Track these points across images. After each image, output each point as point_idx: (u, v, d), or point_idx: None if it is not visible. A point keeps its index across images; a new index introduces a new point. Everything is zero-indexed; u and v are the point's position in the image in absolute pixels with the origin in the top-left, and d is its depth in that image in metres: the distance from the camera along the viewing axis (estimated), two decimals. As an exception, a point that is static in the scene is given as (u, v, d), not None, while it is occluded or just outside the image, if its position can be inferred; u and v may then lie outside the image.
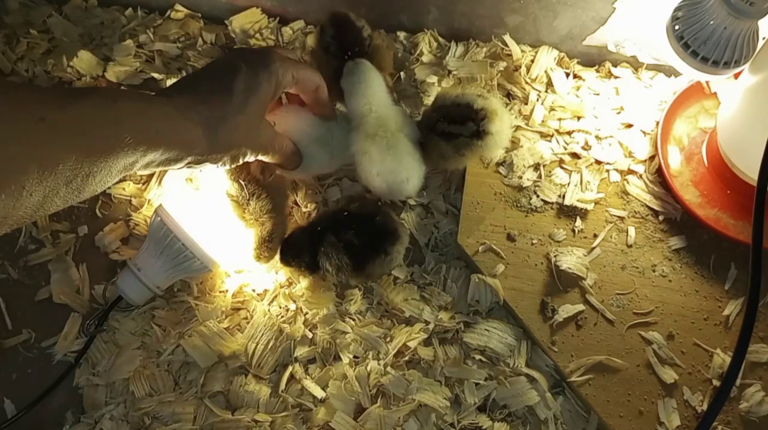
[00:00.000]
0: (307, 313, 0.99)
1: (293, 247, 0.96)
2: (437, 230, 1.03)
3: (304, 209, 1.05)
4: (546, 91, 1.13)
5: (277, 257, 0.98)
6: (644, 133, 1.09)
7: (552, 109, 1.11)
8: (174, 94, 0.75)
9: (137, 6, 1.24)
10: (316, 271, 0.95)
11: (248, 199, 0.93)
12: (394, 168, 0.91)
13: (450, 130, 0.89)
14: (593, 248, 1.01)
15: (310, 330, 0.98)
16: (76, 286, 1.02)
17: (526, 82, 1.13)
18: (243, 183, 0.93)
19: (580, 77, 1.15)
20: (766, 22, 0.89)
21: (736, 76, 0.99)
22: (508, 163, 1.06)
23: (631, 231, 1.02)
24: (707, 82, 1.09)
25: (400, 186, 0.93)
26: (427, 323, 0.97)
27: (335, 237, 0.91)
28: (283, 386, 0.94)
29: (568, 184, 1.05)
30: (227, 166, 0.81)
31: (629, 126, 1.10)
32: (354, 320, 0.98)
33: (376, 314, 0.99)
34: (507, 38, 1.15)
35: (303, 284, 1.00)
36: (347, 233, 0.91)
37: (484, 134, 0.89)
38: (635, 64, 1.15)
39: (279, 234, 0.97)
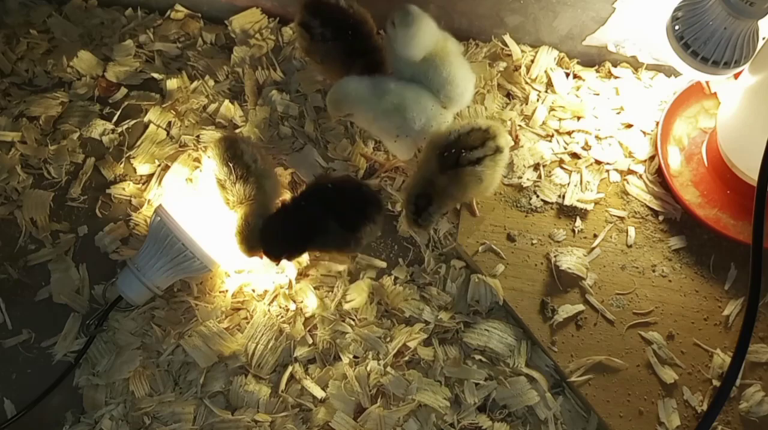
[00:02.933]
0: (307, 313, 0.99)
1: (270, 238, 0.94)
2: (437, 230, 1.03)
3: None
4: (546, 92, 1.13)
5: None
6: (644, 133, 1.09)
7: (552, 109, 1.11)
8: None
9: (137, 6, 1.24)
10: (301, 253, 0.96)
11: (234, 182, 0.93)
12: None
13: (476, 156, 0.90)
14: (593, 248, 1.01)
15: (310, 331, 0.98)
16: (76, 286, 1.02)
17: (526, 82, 1.13)
18: (232, 166, 0.93)
19: (580, 77, 1.15)
20: (766, 22, 0.89)
21: (736, 76, 0.99)
22: (508, 163, 1.06)
23: (631, 231, 1.02)
24: (707, 82, 1.09)
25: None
26: (427, 323, 0.97)
27: (323, 208, 0.92)
28: (283, 386, 0.94)
29: (568, 184, 1.05)
30: None
31: (629, 126, 1.10)
32: (354, 320, 0.98)
33: (376, 314, 0.99)
34: (507, 38, 1.15)
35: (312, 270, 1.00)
36: (333, 204, 0.92)
37: (501, 149, 0.92)
38: (635, 64, 1.15)
39: (256, 216, 0.95)
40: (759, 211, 0.77)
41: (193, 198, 1.02)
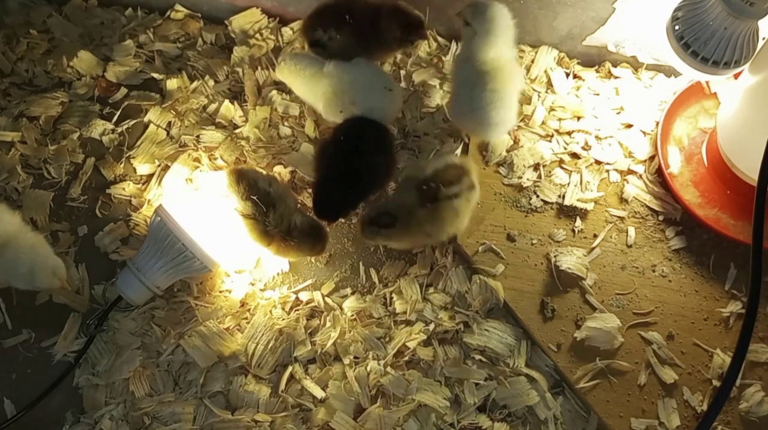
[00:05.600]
0: (307, 314, 0.99)
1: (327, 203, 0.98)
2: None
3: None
4: (546, 92, 1.13)
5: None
6: (644, 133, 1.09)
7: (552, 109, 1.11)
8: None
9: (137, 6, 1.24)
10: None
11: (266, 212, 0.92)
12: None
13: (454, 191, 0.91)
14: (593, 248, 1.01)
15: (310, 331, 0.98)
16: (76, 286, 1.02)
17: (526, 83, 1.13)
18: (255, 199, 0.92)
19: (580, 77, 1.15)
20: (766, 22, 0.89)
21: (736, 76, 0.99)
22: (508, 163, 1.06)
23: (631, 231, 1.02)
24: (707, 83, 1.09)
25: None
26: (427, 323, 0.97)
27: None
28: (283, 386, 0.94)
29: (568, 184, 1.05)
30: None
31: (629, 126, 1.10)
32: (354, 320, 0.98)
33: (376, 314, 0.99)
34: None
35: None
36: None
37: (473, 186, 0.93)
38: (635, 64, 1.15)
39: (310, 221, 0.97)
40: (759, 212, 0.77)
41: (193, 198, 1.02)
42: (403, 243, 0.98)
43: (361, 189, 0.97)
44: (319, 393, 0.94)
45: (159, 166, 1.09)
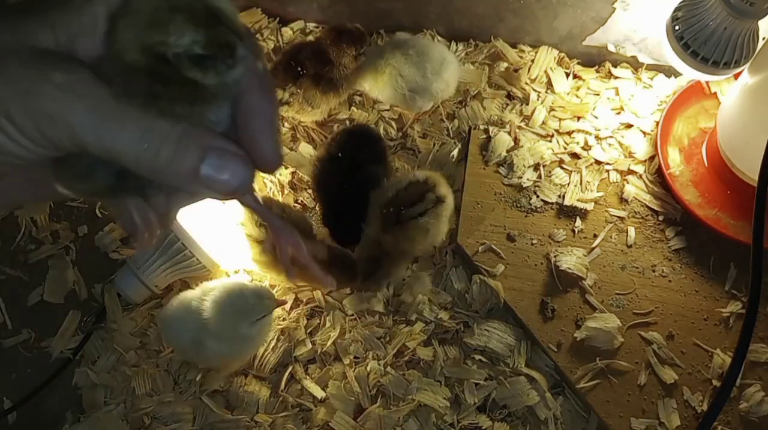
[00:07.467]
0: (307, 313, 0.99)
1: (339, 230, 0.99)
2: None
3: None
4: (546, 92, 1.13)
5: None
6: (644, 133, 1.09)
7: (552, 109, 1.11)
8: None
9: (137, 6, 1.24)
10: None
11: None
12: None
13: (417, 211, 0.90)
14: (593, 248, 1.01)
15: (310, 331, 0.98)
16: (75, 285, 1.02)
17: (526, 83, 1.13)
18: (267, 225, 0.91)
19: (580, 77, 1.15)
20: (766, 22, 0.89)
21: (736, 76, 0.99)
22: (508, 164, 1.06)
23: (631, 231, 1.02)
24: (707, 83, 1.09)
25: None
26: (427, 323, 0.97)
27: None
28: (283, 386, 0.94)
29: (568, 184, 1.05)
30: None
31: (629, 126, 1.10)
32: (354, 320, 0.98)
33: (376, 314, 0.99)
34: (500, 43, 1.15)
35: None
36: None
37: (442, 199, 0.92)
38: (635, 64, 1.15)
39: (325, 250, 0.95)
40: (759, 212, 0.77)
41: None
42: (397, 270, 0.98)
43: (365, 203, 0.97)
44: (319, 393, 0.94)
45: (159, 166, 1.09)
